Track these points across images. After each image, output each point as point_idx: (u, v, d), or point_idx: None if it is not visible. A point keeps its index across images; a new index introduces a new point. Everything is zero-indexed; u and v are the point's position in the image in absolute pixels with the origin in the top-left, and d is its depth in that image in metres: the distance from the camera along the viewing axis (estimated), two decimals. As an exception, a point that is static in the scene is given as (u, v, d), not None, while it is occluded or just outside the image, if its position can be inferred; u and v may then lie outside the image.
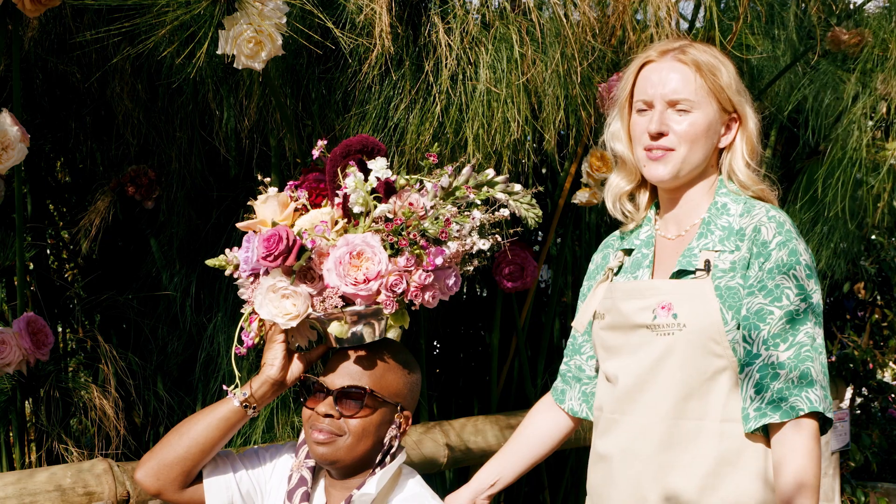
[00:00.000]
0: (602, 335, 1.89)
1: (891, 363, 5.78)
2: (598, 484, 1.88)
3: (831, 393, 5.05)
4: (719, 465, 1.73)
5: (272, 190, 1.78)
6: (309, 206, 1.79)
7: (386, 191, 1.72)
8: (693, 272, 1.78)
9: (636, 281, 1.88)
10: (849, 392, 5.23)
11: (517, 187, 1.83)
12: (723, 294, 1.74)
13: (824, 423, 1.71)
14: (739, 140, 1.84)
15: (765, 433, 1.73)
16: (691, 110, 1.80)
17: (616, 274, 1.93)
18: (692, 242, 1.81)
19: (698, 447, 1.74)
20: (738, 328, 1.73)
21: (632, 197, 1.95)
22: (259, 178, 1.85)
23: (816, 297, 1.73)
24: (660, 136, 1.80)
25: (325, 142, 1.82)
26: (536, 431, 2.05)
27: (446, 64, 2.55)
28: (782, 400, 1.67)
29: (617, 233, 2.01)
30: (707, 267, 1.77)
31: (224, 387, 1.82)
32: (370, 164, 1.72)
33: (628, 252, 1.95)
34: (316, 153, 1.81)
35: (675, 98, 1.80)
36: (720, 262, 1.76)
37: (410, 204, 1.72)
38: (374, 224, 1.70)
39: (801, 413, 1.66)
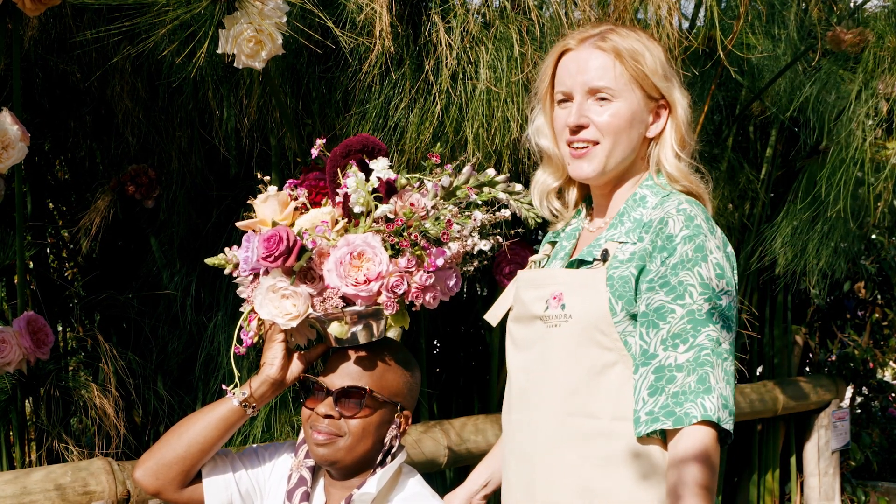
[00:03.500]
0: (510, 328, 1.81)
1: (891, 362, 5.78)
2: (502, 492, 1.80)
3: (832, 391, 5.04)
4: (608, 464, 1.62)
5: (272, 189, 1.78)
6: (308, 205, 1.79)
7: (387, 191, 1.72)
8: (591, 262, 1.71)
9: (536, 270, 1.81)
10: (849, 391, 5.23)
11: (518, 187, 1.82)
12: (614, 283, 1.64)
13: (725, 433, 1.58)
14: (669, 129, 1.73)
15: (661, 435, 1.61)
16: (612, 99, 1.69)
17: (541, 266, 1.87)
18: (602, 234, 1.73)
19: (587, 446, 1.64)
20: (631, 320, 1.64)
21: (560, 194, 1.86)
22: (259, 176, 1.85)
23: (726, 300, 1.61)
24: (580, 128, 1.71)
25: (325, 140, 1.81)
26: None
27: (446, 63, 2.55)
28: (677, 405, 1.56)
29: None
30: (604, 257, 1.68)
31: (223, 386, 1.82)
32: (372, 164, 1.72)
33: (554, 244, 1.88)
34: (315, 152, 1.81)
35: (594, 86, 1.69)
36: (620, 252, 1.67)
37: (412, 204, 1.72)
38: (374, 224, 1.70)
39: (695, 421, 1.54)
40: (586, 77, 1.70)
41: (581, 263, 1.73)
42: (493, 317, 1.90)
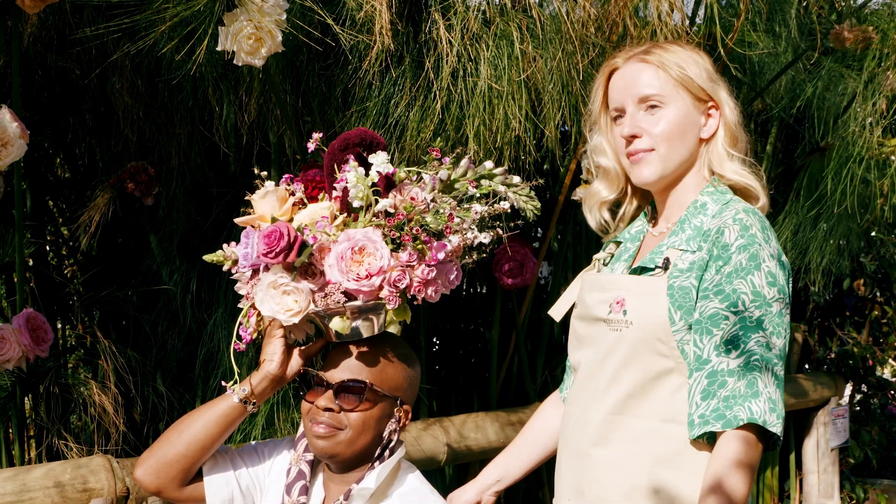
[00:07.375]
0: (574, 324, 1.88)
1: (890, 360, 5.78)
2: (555, 473, 1.86)
3: (831, 389, 5.04)
4: (655, 464, 1.68)
5: (269, 184, 1.77)
6: (306, 200, 1.79)
7: (386, 185, 1.72)
8: (653, 269, 1.75)
9: (601, 274, 1.87)
10: (848, 389, 5.24)
11: (516, 179, 1.83)
12: (674, 293, 1.70)
13: (769, 437, 1.64)
14: (721, 129, 1.80)
15: (711, 440, 1.66)
16: (662, 105, 1.75)
17: (605, 265, 1.92)
18: (664, 240, 1.78)
19: (636, 444, 1.70)
20: (689, 329, 1.69)
21: (615, 209, 1.92)
22: (257, 172, 1.84)
23: (777, 307, 1.65)
24: (633, 138, 1.77)
25: (321, 135, 1.81)
26: (543, 427, 2.02)
27: (447, 60, 2.55)
28: (727, 409, 1.61)
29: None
30: (665, 265, 1.73)
31: (223, 383, 1.81)
32: (371, 159, 1.71)
33: (618, 244, 1.93)
34: (311, 146, 1.80)
35: (643, 94, 1.76)
36: (681, 261, 1.72)
37: (412, 198, 1.71)
38: (374, 219, 1.69)
39: (741, 423, 1.60)
40: (634, 89, 1.77)
41: (643, 270, 1.77)
42: (556, 312, 1.97)
